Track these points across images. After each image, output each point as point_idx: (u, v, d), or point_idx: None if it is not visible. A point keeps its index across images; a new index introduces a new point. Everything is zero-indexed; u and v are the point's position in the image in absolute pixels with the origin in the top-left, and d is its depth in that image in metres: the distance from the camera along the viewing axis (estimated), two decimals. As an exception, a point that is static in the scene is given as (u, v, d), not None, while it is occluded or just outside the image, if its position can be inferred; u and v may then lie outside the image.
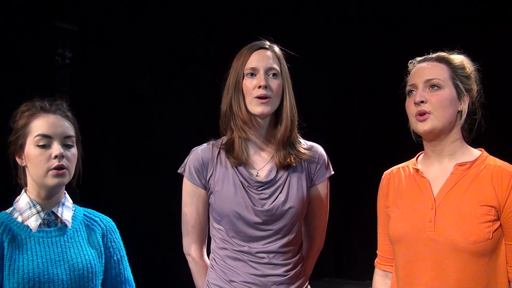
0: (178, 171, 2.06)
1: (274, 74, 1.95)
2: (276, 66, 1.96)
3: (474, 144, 1.83)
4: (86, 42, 3.59)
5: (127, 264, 1.95)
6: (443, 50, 1.85)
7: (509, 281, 1.71)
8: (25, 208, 1.79)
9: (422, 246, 1.75)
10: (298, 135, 2.03)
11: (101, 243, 1.88)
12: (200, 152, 2.02)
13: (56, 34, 3.53)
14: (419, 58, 1.88)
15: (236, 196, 1.94)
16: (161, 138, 3.48)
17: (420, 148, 1.89)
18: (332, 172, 2.08)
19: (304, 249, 2.08)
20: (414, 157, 1.93)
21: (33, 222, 1.78)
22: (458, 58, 1.82)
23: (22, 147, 1.78)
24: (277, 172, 1.97)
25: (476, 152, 1.80)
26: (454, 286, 1.70)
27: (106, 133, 3.73)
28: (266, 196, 1.94)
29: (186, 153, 2.05)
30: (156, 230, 2.53)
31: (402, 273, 1.82)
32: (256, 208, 1.93)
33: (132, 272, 1.97)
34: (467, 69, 1.81)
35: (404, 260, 1.81)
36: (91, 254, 1.83)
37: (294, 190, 1.97)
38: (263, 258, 1.93)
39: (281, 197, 1.94)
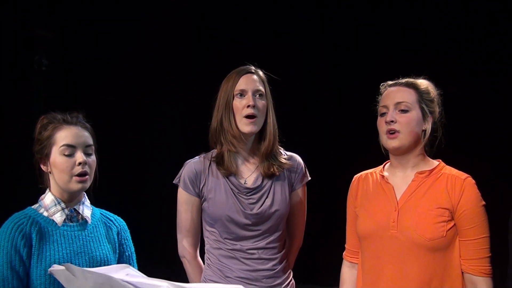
0: (174, 181, 2.31)
1: (260, 95, 2.23)
2: (261, 88, 2.24)
3: (435, 156, 2.11)
4: (63, 50, 3.67)
5: (135, 260, 2.15)
6: (410, 76, 2.13)
7: (462, 272, 1.99)
8: (50, 205, 1.99)
9: (386, 243, 2.01)
10: (279, 147, 2.30)
11: (116, 239, 2.09)
12: (193, 164, 2.28)
13: (32, 41, 3.60)
14: (390, 82, 2.14)
15: (228, 202, 2.20)
16: (134, 147, 3.61)
17: (383, 157, 2.18)
18: (309, 178, 2.36)
19: (286, 246, 2.35)
20: (376, 166, 2.20)
21: (58, 217, 1.98)
22: (424, 84, 2.09)
23: (47, 156, 1.98)
24: (262, 180, 2.24)
25: (435, 163, 2.08)
26: (414, 277, 1.97)
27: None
28: (254, 201, 2.22)
29: (164, 163, 2.30)
30: (151, 236, 2.71)
31: (368, 266, 2.09)
32: (246, 211, 2.20)
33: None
34: (432, 94, 2.09)
35: (370, 255, 2.07)
36: (108, 249, 2.03)
37: (279, 195, 2.24)
38: (253, 254, 2.19)
39: (268, 202, 2.22)
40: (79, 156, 1.96)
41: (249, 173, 2.26)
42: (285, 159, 2.29)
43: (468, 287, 1.99)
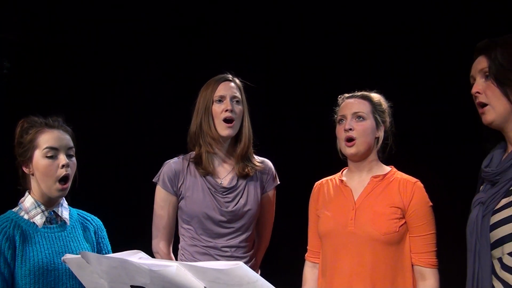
0: (153, 180, 2.45)
1: (237, 101, 2.41)
2: (238, 95, 2.42)
3: (387, 162, 2.35)
4: (25, 52, 3.67)
5: None
6: (365, 90, 2.36)
7: (412, 264, 2.21)
8: (30, 208, 2.08)
9: (345, 238, 2.22)
10: (252, 153, 2.48)
11: (94, 239, 2.19)
12: (172, 164, 2.44)
13: (-6, 43, 3.61)
14: (347, 95, 2.37)
15: (205, 200, 2.37)
16: (105, 149, 3.68)
17: (341, 165, 2.41)
18: (278, 182, 2.56)
19: (255, 246, 2.53)
20: (336, 172, 2.42)
21: (38, 220, 2.07)
22: (376, 96, 2.34)
23: (30, 158, 2.06)
24: (237, 180, 2.42)
25: (388, 168, 2.32)
26: (369, 269, 2.17)
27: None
28: (230, 199, 2.39)
29: (141, 163, 2.41)
30: (126, 233, 2.79)
31: (329, 261, 2.28)
32: (222, 209, 2.37)
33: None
34: (383, 105, 2.33)
35: (331, 251, 2.27)
36: (87, 248, 2.13)
37: (252, 195, 2.43)
38: (226, 251, 2.36)
39: (242, 201, 2.40)
40: (62, 158, 2.05)
41: (225, 173, 2.43)
42: (258, 162, 2.48)
43: (417, 278, 2.21)
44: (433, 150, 3.05)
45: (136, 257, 1.34)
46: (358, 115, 2.28)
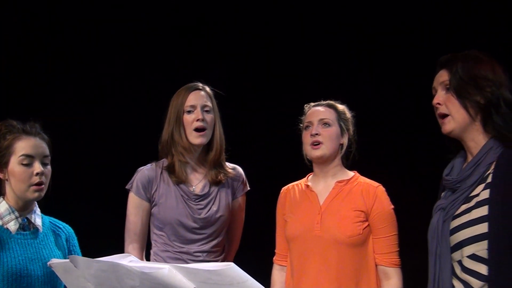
0: (126, 187, 2.47)
1: (207, 110, 2.45)
2: (209, 104, 2.47)
3: (351, 168, 2.46)
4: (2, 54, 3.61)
5: None
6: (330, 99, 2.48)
7: (376, 264, 2.32)
8: (5, 214, 2.08)
9: (311, 242, 2.31)
10: (224, 158, 2.53)
11: (65, 246, 2.20)
12: (146, 171, 2.47)
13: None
14: (313, 103, 2.48)
15: (178, 207, 2.41)
16: (77, 154, 3.68)
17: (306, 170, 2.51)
18: (248, 188, 2.62)
19: (225, 250, 2.58)
20: (301, 178, 2.50)
21: (12, 226, 2.07)
22: (341, 106, 2.46)
23: (6, 164, 2.06)
24: (209, 187, 2.47)
25: (351, 173, 2.43)
26: (335, 270, 2.26)
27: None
28: (202, 206, 2.44)
29: (113, 170, 2.44)
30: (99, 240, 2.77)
31: (296, 264, 2.36)
32: (195, 216, 2.41)
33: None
34: (347, 114, 2.45)
35: (298, 254, 2.35)
36: (59, 255, 2.13)
37: (223, 202, 2.48)
38: (198, 256, 2.40)
39: (214, 208, 2.45)
40: (37, 166, 2.05)
41: (198, 181, 2.48)
42: (229, 169, 2.53)
43: (381, 277, 2.32)
44: (394, 156, 3.20)
45: (127, 260, 1.37)
46: (324, 122, 2.38)
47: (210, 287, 1.24)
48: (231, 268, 1.25)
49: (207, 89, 2.51)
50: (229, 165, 2.56)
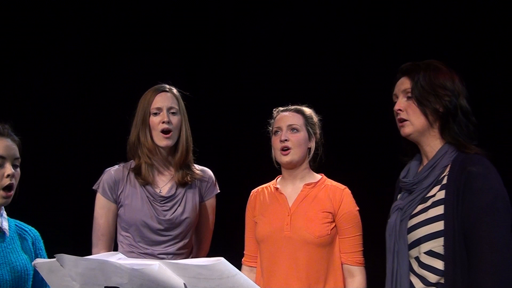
0: (93, 187, 2.46)
1: (173, 112, 2.46)
2: (175, 106, 2.48)
3: (318, 171, 2.54)
4: None
5: None
6: (298, 104, 2.55)
7: (342, 263, 2.40)
8: None
9: (281, 242, 2.37)
10: (192, 160, 2.54)
11: (32, 249, 2.16)
12: (113, 172, 2.46)
13: None
14: (281, 108, 2.54)
15: (143, 208, 2.41)
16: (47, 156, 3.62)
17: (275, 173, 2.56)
18: (218, 191, 2.64)
19: (193, 254, 2.59)
20: (269, 181, 2.57)
21: None
22: (308, 110, 2.53)
23: None
24: (176, 189, 2.48)
25: (318, 176, 2.51)
26: (304, 270, 2.34)
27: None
28: (168, 208, 2.45)
29: (80, 172, 2.43)
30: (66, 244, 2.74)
31: (266, 264, 2.42)
32: (160, 217, 2.42)
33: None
34: (314, 119, 2.52)
35: (268, 254, 2.41)
36: (26, 259, 2.10)
37: (190, 204, 2.49)
38: (163, 258, 2.39)
39: (179, 209, 2.46)
40: (8, 168, 2.03)
41: (165, 182, 2.49)
42: (197, 170, 2.55)
43: (346, 276, 2.41)
44: (359, 160, 3.32)
45: (115, 258, 1.39)
46: (293, 128, 2.46)
47: (200, 282, 1.28)
48: (221, 262, 1.29)
49: (174, 90, 2.52)
50: (197, 167, 2.57)
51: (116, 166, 2.50)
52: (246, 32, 3.75)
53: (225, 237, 2.87)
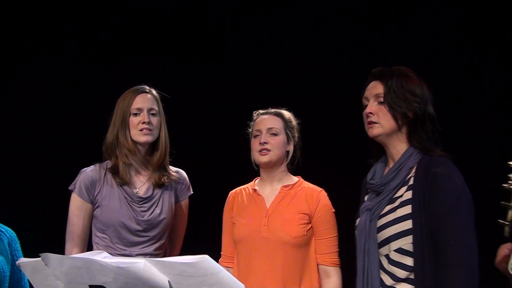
0: (69, 188, 2.45)
1: (153, 113, 2.49)
2: (155, 107, 2.50)
3: (295, 173, 2.58)
4: None
5: None
6: (277, 107, 2.59)
7: (317, 264, 2.45)
8: None
9: (258, 243, 2.41)
10: (169, 162, 2.57)
11: (8, 250, 2.17)
12: (89, 172, 2.46)
13: None
14: (261, 111, 2.58)
15: (121, 209, 2.42)
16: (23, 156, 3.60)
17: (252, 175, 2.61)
18: (192, 192, 2.67)
19: (168, 255, 2.61)
20: (246, 183, 2.61)
21: None
22: (287, 114, 2.57)
23: None
24: (153, 190, 2.49)
25: (296, 178, 2.56)
26: (281, 270, 2.38)
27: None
28: (145, 209, 2.46)
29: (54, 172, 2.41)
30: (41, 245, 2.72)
31: (243, 265, 2.45)
32: (138, 218, 2.43)
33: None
34: (293, 122, 2.57)
35: (245, 255, 2.45)
36: (2, 260, 2.11)
37: (167, 205, 2.52)
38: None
39: (157, 210, 2.48)
40: None
41: (142, 183, 2.50)
42: (173, 172, 2.58)
43: (322, 276, 2.45)
44: (335, 163, 3.38)
45: (101, 256, 1.41)
46: (272, 132, 2.50)
47: (184, 279, 1.31)
48: (205, 260, 1.33)
49: (154, 92, 2.54)
50: (172, 168, 2.60)
51: (92, 167, 2.50)
52: (223, 34, 3.79)
53: (202, 238, 2.90)
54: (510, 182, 1.67)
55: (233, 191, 2.63)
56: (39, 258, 1.48)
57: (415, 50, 3.38)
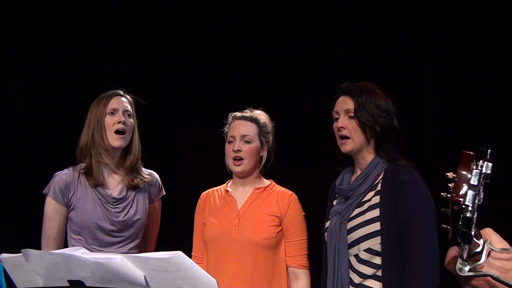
0: (43, 192, 2.49)
1: (128, 115, 2.56)
2: (130, 109, 2.57)
3: (267, 176, 2.65)
4: None
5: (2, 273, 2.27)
6: (250, 107, 2.62)
7: (287, 266, 2.50)
8: None
9: (229, 244, 2.46)
10: (141, 164, 2.63)
11: None
12: (63, 175, 2.51)
13: None
14: (237, 115, 2.60)
15: (95, 210, 2.47)
16: None
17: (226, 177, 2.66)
18: (164, 193, 2.73)
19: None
20: (221, 183, 2.67)
21: None
22: (263, 118, 2.60)
23: None
24: (127, 191, 2.55)
25: (268, 182, 2.61)
26: (250, 271, 2.43)
27: None
28: (120, 209, 2.52)
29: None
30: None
31: (213, 264, 2.49)
32: (113, 219, 2.48)
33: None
34: (268, 127, 2.61)
35: (216, 255, 2.50)
36: None
37: (141, 205, 2.57)
38: None
39: (132, 211, 2.54)
40: None
41: (115, 184, 2.55)
42: (146, 174, 2.64)
43: (291, 278, 2.51)
44: (306, 167, 3.47)
45: (79, 252, 1.47)
46: (246, 140, 2.55)
47: (159, 274, 1.39)
48: (179, 256, 1.40)
49: (128, 96, 2.62)
50: (145, 170, 2.66)
51: (66, 170, 2.54)
52: (191, 34, 3.83)
53: (175, 238, 2.95)
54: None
55: (205, 192, 2.67)
56: (20, 254, 1.54)
57: (381, 65, 3.50)
